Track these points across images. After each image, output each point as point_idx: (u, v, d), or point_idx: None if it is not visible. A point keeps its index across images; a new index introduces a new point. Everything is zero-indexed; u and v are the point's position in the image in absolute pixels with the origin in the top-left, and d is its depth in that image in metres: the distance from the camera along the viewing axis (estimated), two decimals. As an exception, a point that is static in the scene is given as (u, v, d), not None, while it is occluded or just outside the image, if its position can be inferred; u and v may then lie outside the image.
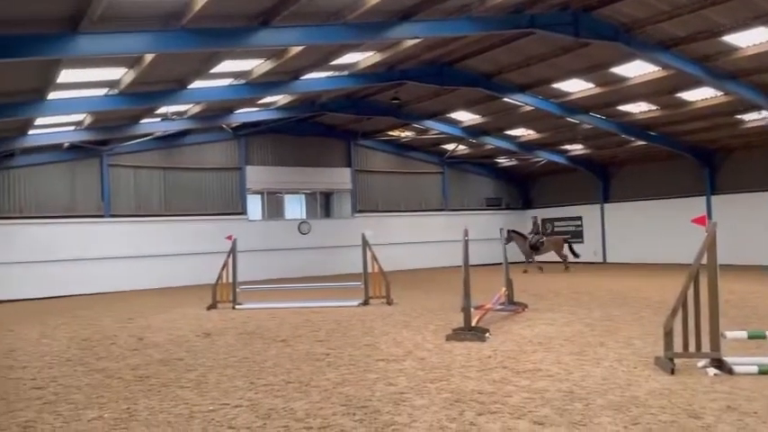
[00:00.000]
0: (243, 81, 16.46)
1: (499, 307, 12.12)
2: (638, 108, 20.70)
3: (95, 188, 22.41)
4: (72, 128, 19.43)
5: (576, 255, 24.24)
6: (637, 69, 17.13)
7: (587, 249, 29.04)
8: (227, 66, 14.82)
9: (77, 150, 21.69)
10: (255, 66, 15.52)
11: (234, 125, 23.81)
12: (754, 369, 6.85)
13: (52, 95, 14.57)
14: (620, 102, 19.93)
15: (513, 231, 23.61)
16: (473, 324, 9.84)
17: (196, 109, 19.72)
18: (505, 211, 31.37)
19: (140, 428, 5.66)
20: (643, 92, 18.70)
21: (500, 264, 13.73)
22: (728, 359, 7.03)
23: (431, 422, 5.53)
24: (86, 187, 22.27)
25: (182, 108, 19.47)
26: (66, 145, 21.14)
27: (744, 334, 7.38)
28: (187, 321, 13.21)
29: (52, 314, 15.55)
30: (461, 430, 5.28)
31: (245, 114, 21.79)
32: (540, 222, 24.98)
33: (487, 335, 9.59)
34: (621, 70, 17.30)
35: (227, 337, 10.91)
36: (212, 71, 14.91)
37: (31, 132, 18.71)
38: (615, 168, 28.35)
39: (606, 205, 28.57)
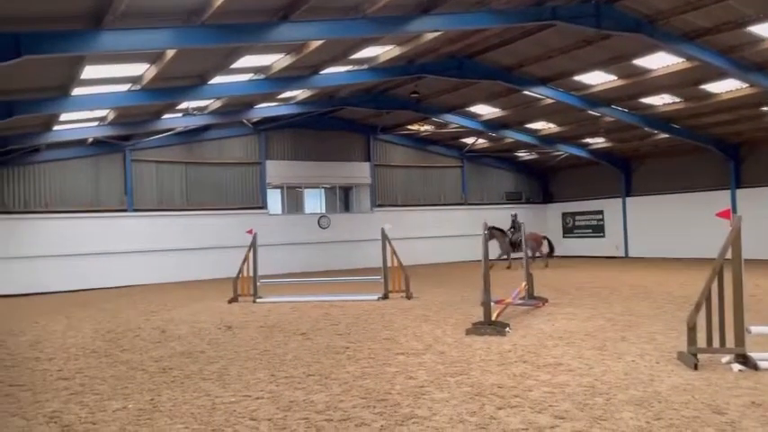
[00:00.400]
0: (263, 76, 16.55)
1: (519, 301, 12.06)
2: (661, 100, 20.40)
3: (119, 183, 22.73)
4: (96, 123, 19.71)
5: (552, 251, 24.40)
6: (660, 61, 16.87)
7: (609, 244, 28.79)
8: (247, 61, 14.90)
9: (101, 146, 22.02)
10: (275, 60, 15.59)
11: (254, 120, 23.96)
12: (780, 365, 6.74)
13: (76, 91, 14.78)
14: (642, 94, 19.65)
15: (495, 228, 22.96)
16: (493, 318, 9.81)
17: (217, 104, 19.88)
18: (526, 205, 31.16)
19: (164, 419, 5.75)
20: (666, 84, 18.42)
21: (520, 258, 13.64)
22: (753, 354, 6.93)
23: (451, 415, 5.53)
24: (110, 182, 22.60)
25: (203, 103, 19.64)
26: (89, 140, 21.47)
27: (769, 329, 7.27)
28: (209, 314, 13.36)
29: (77, 307, 15.83)
30: (482, 424, 5.28)
31: (265, 109, 21.92)
32: (518, 220, 23.52)
33: (507, 329, 9.56)
34: (644, 62, 17.05)
35: (248, 330, 11.01)
36: (233, 66, 15.00)
37: (55, 128, 19.03)
38: (638, 162, 28.00)
39: (628, 199, 28.25)
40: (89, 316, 13.87)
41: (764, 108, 19.68)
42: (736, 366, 6.85)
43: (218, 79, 16.09)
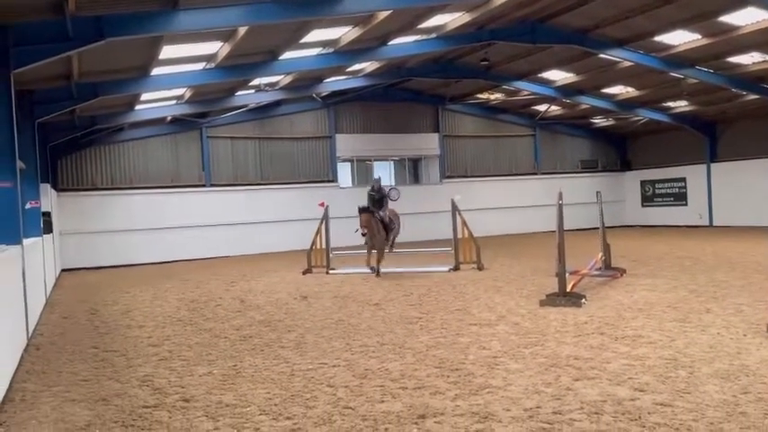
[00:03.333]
0: (331, 50, 16.62)
1: (595, 272, 11.77)
2: (750, 59, 19.11)
3: (196, 159, 23.60)
4: (173, 102, 20.45)
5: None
6: (748, 17, 15.78)
7: (692, 212, 27.51)
8: (316, 35, 15.00)
9: (179, 123, 22.88)
10: (343, 33, 15.61)
11: (323, 94, 24.20)
12: None
13: (155, 71, 15.35)
14: (729, 53, 18.46)
15: (365, 210, 14.95)
16: (568, 290, 9.63)
17: (287, 80, 20.17)
18: (602, 174, 30.14)
19: (246, 384, 6.01)
20: (756, 41, 17.20)
21: (597, 228, 13.27)
22: None
23: (526, 386, 5.50)
24: (188, 158, 23.51)
25: (274, 79, 19.98)
26: (168, 119, 22.34)
27: None
28: (285, 285, 13.77)
29: (161, 278, 16.68)
30: (557, 395, 5.22)
31: (333, 83, 22.09)
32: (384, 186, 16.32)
33: (583, 300, 9.36)
34: (731, 18, 15.97)
35: (322, 300, 11.29)
36: (302, 41, 15.15)
37: (137, 108, 19.90)
38: (724, 125, 26.44)
39: (713, 165, 26.79)
40: (173, 287, 14.59)
41: None
42: (834, 340, 6.46)
43: (288, 55, 16.30)
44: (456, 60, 21.73)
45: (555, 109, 27.68)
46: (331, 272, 15.60)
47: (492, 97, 26.53)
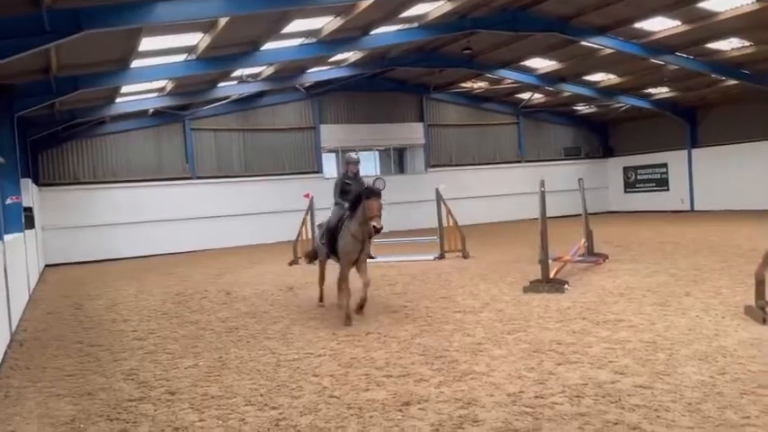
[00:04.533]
0: (314, 40, 16.53)
1: (578, 258, 11.89)
2: (729, 45, 19.28)
3: (180, 151, 23.44)
4: (155, 94, 20.26)
5: None
6: (728, 2, 15.89)
7: (673, 198, 27.82)
8: (297, 25, 14.91)
9: (162, 116, 22.69)
10: (325, 23, 15.53)
11: (306, 85, 24.09)
12: None
13: (135, 64, 15.19)
14: (709, 39, 18.62)
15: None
16: (551, 276, 9.73)
17: (270, 70, 20.05)
18: (585, 161, 30.35)
19: (232, 376, 6.04)
20: (735, 27, 17.36)
21: (580, 215, 13.40)
22: (828, 308, 6.65)
23: (509, 371, 5.58)
24: (172, 151, 23.34)
25: (256, 70, 19.85)
26: (150, 111, 22.14)
27: None
28: (271, 277, 13.77)
29: (147, 272, 16.60)
30: (540, 379, 5.31)
31: (317, 73, 22.00)
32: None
33: (566, 286, 9.47)
34: (710, 5, 16.09)
35: (308, 291, 11.31)
36: (283, 31, 15.05)
37: (118, 100, 19.70)
38: (704, 111, 26.70)
39: (694, 150, 27.07)
40: (159, 280, 14.54)
41: None
42: (809, 320, 6.60)
43: (269, 45, 16.20)
44: (439, 49, 21.71)
45: (538, 97, 27.78)
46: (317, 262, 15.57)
47: (476, 86, 26.57)
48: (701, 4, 16.04)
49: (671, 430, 4.12)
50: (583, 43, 19.52)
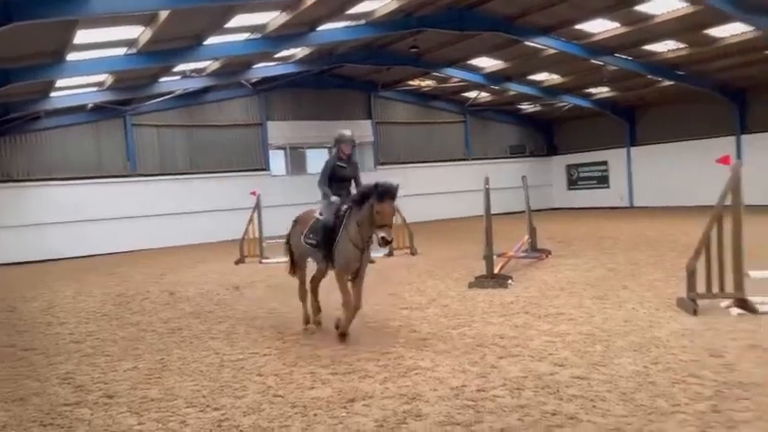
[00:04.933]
0: (259, 35, 16.31)
1: (522, 254, 12.14)
2: (665, 47, 20.02)
3: (120, 148, 22.71)
4: (94, 89, 19.56)
5: None
6: (663, 6, 16.48)
7: (613, 195, 28.72)
8: (242, 20, 14.67)
9: (101, 111, 21.90)
10: (271, 19, 15.34)
11: (253, 81, 23.71)
12: (779, 308, 6.81)
13: (71, 57, 14.64)
14: (646, 41, 19.28)
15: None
16: (496, 272, 9.91)
17: (215, 65, 19.67)
18: (530, 159, 30.99)
19: (173, 377, 5.90)
20: (670, 29, 18.02)
21: (524, 212, 13.68)
22: (753, 299, 7.00)
23: (453, 366, 5.66)
24: (112, 147, 22.59)
25: (200, 65, 19.43)
26: (89, 106, 21.36)
27: (769, 274, 7.31)
28: (216, 276, 13.52)
29: (86, 272, 16.04)
30: (482, 373, 5.40)
31: (263, 69, 21.68)
32: None
33: (510, 281, 9.66)
34: (647, 8, 16.66)
35: (255, 290, 11.18)
36: (228, 26, 14.78)
37: (53, 95, 18.91)
38: (642, 111, 27.66)
39: (633, 149, 28.02)
40: (99, 280, 14.07)
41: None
42: (735, 310, 6.94)
43: (213, 40, 15.88)
44: (386, 47, 21.75)
45: (484, 96, 28.19)
46: (264, 261, 15.42)
47: (423, 84, 26.73)
48: (638, 7, 16.59)
49: (606, 419, 4.26)
50: (527, 43, 19.91)
